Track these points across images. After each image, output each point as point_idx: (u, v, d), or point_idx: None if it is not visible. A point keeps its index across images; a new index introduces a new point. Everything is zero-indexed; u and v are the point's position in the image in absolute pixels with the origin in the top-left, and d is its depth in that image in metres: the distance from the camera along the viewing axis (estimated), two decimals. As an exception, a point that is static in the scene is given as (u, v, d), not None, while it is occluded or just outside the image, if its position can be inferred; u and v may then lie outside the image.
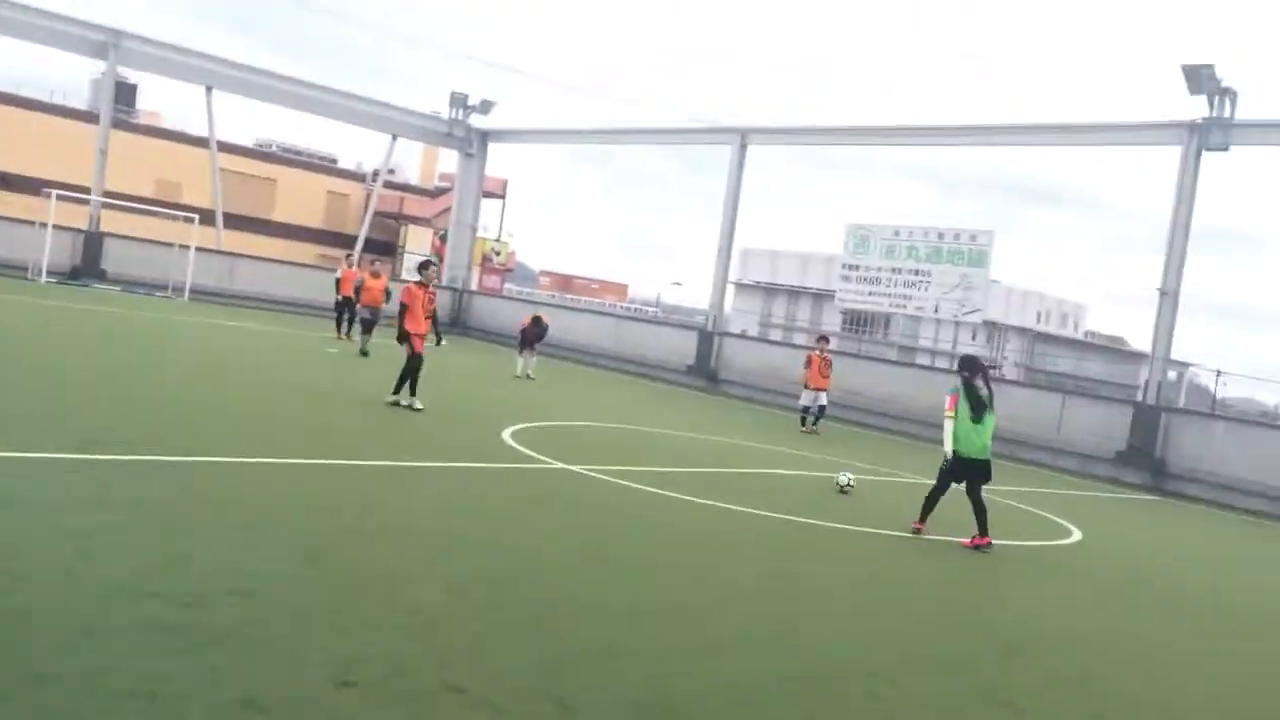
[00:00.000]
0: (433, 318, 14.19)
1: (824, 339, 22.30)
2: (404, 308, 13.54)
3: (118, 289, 27.23)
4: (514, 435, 12.44)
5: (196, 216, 29.88)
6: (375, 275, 22.13)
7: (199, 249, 29.58)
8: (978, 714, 5.36)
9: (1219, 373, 47.35)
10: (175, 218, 30.76)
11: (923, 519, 10.06)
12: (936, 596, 7.98)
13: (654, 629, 5.86)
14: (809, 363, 20.39)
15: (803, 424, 19.98)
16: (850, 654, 5.99)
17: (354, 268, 24.81)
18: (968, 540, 9.75)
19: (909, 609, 7.36)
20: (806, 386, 20.11)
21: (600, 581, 6.71)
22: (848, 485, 12.19)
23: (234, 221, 42.38)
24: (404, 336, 13.47)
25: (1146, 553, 10.35)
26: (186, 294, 27.94)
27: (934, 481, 10.19)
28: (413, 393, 13.31)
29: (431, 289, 13.96)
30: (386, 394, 13.41)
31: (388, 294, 21.15)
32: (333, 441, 10.07)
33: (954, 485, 10.04)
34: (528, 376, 20.86)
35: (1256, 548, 14.53)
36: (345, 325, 23.50)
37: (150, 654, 4.35)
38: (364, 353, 20.20)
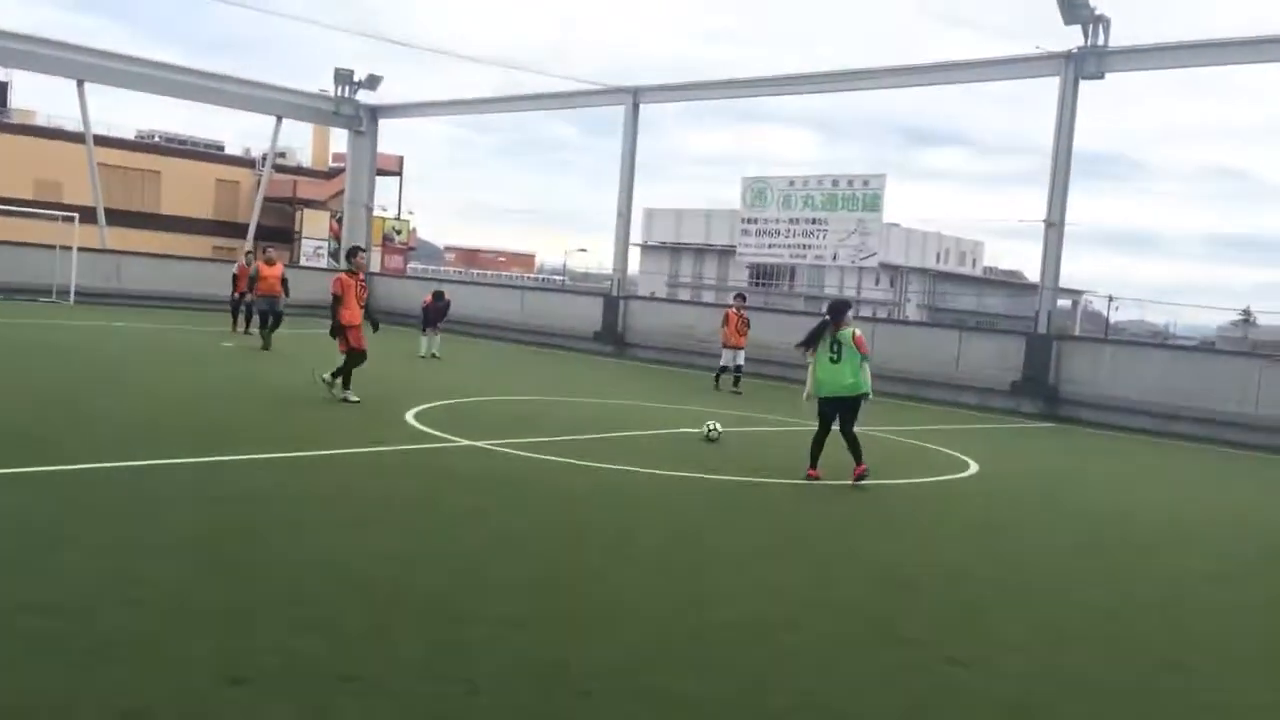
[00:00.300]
0: (365, 305, 13.67)
1: (741, 296, 21.80)
2: (337, 299, 13.02)
3: (-1, 296, 26.22)
4: (417, 416, 12.35)
5: (76, 216, 28.81)
6: (270, 263, 20.60)
7: (83, 249, 28.57)
8: (872, 650, 5.53)
9: (1111, 298, 48.86)
10: (55, 218, 29.62)
11: (814, 464, 10.28)
12: (832, 541, 8.19)
13: (557, 599, 5.91)
14: (726, 320, 19.89)
15: (716, 384, 19.63)
16: (747, 604, 6.12)
17: (251, 266, 24.14)
18: (853, 476, 10.02)
19: (806, 555, 7.54)
20: (725, 345, 19.73)
21: (502, 556, 6.73)
22: (713, 432, 12.37)
23: (120, 218, 40.99)
24: (338, 330, 13.03)
25: (1038, 479, 10.79)
26: (72, 297, 27.00)
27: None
28: (346, 385, 13.02)
29: (362, 275, 13.61)
30: (317, 378, 13.34)
31: (285, 283, 20.24)
32: (224, 438, 9.87)
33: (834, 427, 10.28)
34: (433, 356, 20.68)
35: (1140, 466, 15.14)
36: (243, 319, 22.95)
37: (30, 669, 4.26)
38: (265, 347, 19.25)
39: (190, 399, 12.66)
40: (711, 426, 12.47)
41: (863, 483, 9.99)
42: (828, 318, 10.60)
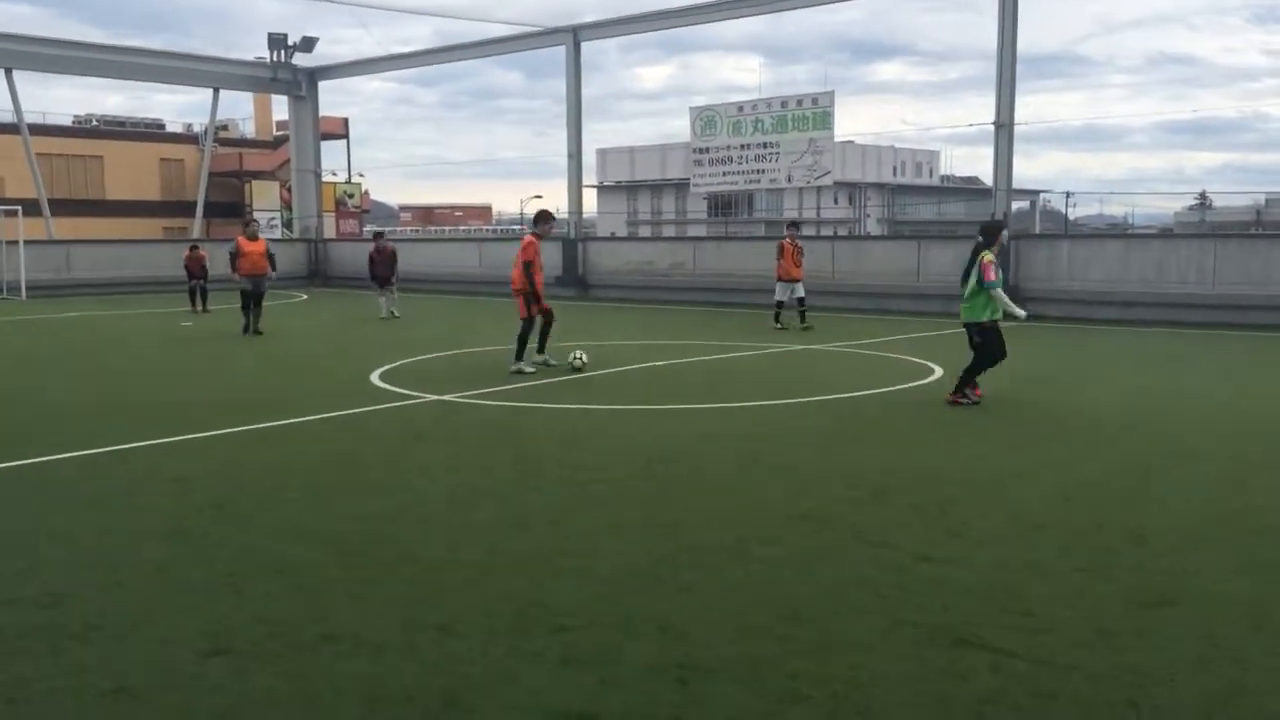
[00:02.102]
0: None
1: (794, 225, 20.39)
2: (529, 265, 12.67)
3: (-52, 299, 25.78)
4: (382, 376, 12.33)
5: (19, 208, 28.27)
6: (253, 238, 18.54)
7: (30, 242, 28.11)
8: (847, 554, 5.64)
9: (1068, 194, 49.15)
10: (-3, 214, 29.08)
11: (974, 386, 10.26)
12: (805, 455, 8.28)
13: (529, 540, 5.97)
14: (781, 252, 18.44)
15: (777, 320, 18.23)
16: (723, 525, 6.20)
17: (199, 249, 23.80)
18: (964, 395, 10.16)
19: (779, 472, 7.64)
20: (780, 279, 18.34)
21: (473, 504, 6.78)
22: (577, 360, 12.59)
23: (65, 207, 40.32)
24: (534, 296, 12.72)
25: (998, 379, 10.85)
26: (23, 292, 26.60)
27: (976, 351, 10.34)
28: (542, 349, 12.95)
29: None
30: (517, 361, 12.63)
31: (271, 258, 18.34)
32: (190, 417, 9.83)
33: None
34: (392, 315, 20.55)
35: (1101, 355, 15.35)
36: (200, 298, 22.74)
37: (9, 661, 4.28)
38: (257, 331, 17.54)
39: (152, 381, 12.57)
40: (578, 356, 12.65)
41: (835, 395, 10.07)
42: (979, 239, 10.37)
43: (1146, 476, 7.51)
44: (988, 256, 10.09)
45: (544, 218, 13.43)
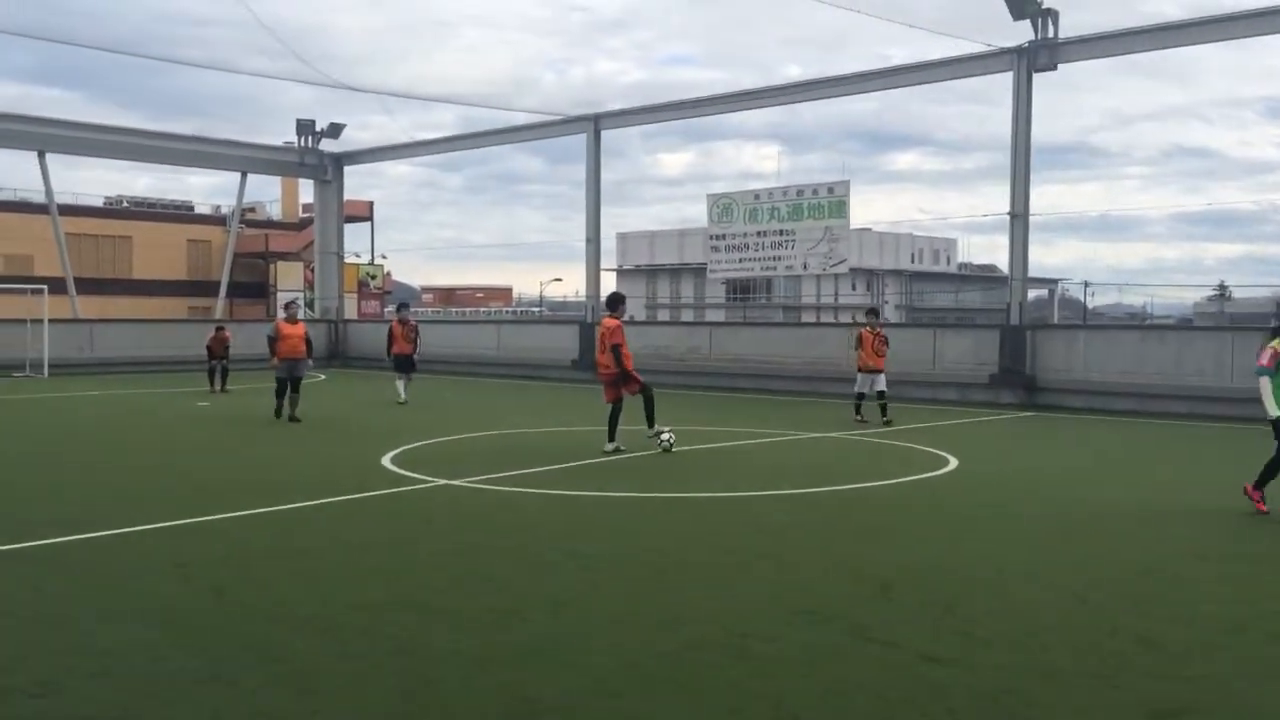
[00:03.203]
0: None
1: (874, 312, 19.54)
2: (618, 347, 13.21)
3: (-28, 375, 26.06)
4: (394, 459, 12.32)
5: (45, 288, 28.71)
6: (292, 321, 17.50)
7: (55, 320, 28.48)
8: (850, 653, 5.53)
9: (1086, 284, 49.16)
10: (24, 291, 29.52)
11: (1259, 487, 9.42)
12: (808, 548, 8.17)
13: (525, 629, 5.88)
14: (860, 342, 17.35)
15: (857, 413, 17.16)
16: (723, 619, 6.10)
17: (224, 330, 24.03)
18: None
19: (783, 565, 7.53)
20: (861, 369, 17.28)
21: (475, 592, 6.71)
22: (666, 441, 12.98)
23: (93, 286, 40.99)
24: (627, 377, 13.25)
25: (1015, 471, 10.79)
26: (45, 369, 26.87)
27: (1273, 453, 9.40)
28: (650, 424, 13.32)
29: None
30: (611, 441, 13.09)
31: (309, 343, 17.49)
32: (196, 500, 9.81)
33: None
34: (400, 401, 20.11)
35: (1117, 448, 15.18)
36: (219, 378, 22.90)
37: (-7, 754, 4.22)
38: (293, 418, 16.68)
39: (162, 462, 12.59)
40: (664, 437, 13.05)
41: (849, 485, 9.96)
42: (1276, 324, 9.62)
43: (1160, 578, 7.35)
44: (1276, 344, 9.31)
45: (620, 300, 14.04)
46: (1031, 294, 25.19)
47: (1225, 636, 5.91)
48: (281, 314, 18.11)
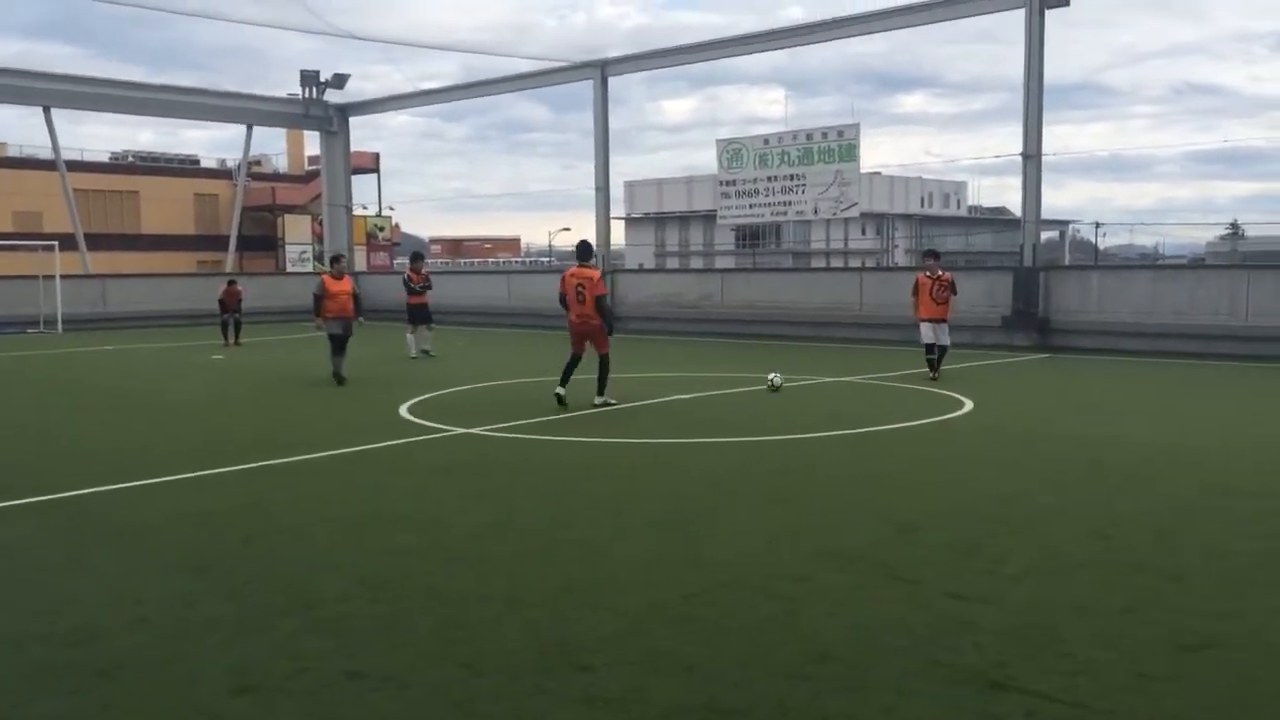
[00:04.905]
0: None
1: (932, 254, 16.82)
2: (601, 299, 12.22)
3: (-14, 332, 26.17)
4: (411, 409, 12.36)
5: (56, 244, 28.72)
6: (339, 277, 16.08)
7: (66, 276, 28.54)
8: (877, 591, 5.56)
9: (1098, 225, 48.77)
10: (35, 248, 29.56)
11: None
12: (832, 491, 8.20)
13: (555, 574, 5.93)
14: (916, 288, 15.62)
15: (931, 369, 15.29)
16: (751, 561, 6.14)
17: (236, 284, 24.04)
18: None
19: (809, 507, 7.56)
20: (921, 319, 15.48)
21: (501, 537, 6.76)
22: (774, 383, 13.61)
23: (101, 241, 40.92)
24: (611, 329, 12.50)
25: (1031, 412, 10.76)
26: (59, 326, 26.97)
27: None
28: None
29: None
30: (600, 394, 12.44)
31: (357, 300, 15.97)
32: (219, 451, 9.88)
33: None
34: (424, 353, 20.23)
35: (1131, 388, 15.14)
36: (232, 331, 22.96)
37: (38, 698, 4.28)
38: (339, 381, 15.16)
39: (181, 416, 12.66)
40: (775, 379, 13.69)
41: (865, 429, 9.99)
42: None
43: (1185, 514, 7.37)
44: None
45: (592, 249, 13.06)
46: (1043, 236, 25.02)
47: (1253, 571, 5.93)
48: (328, 268, 16.23)
